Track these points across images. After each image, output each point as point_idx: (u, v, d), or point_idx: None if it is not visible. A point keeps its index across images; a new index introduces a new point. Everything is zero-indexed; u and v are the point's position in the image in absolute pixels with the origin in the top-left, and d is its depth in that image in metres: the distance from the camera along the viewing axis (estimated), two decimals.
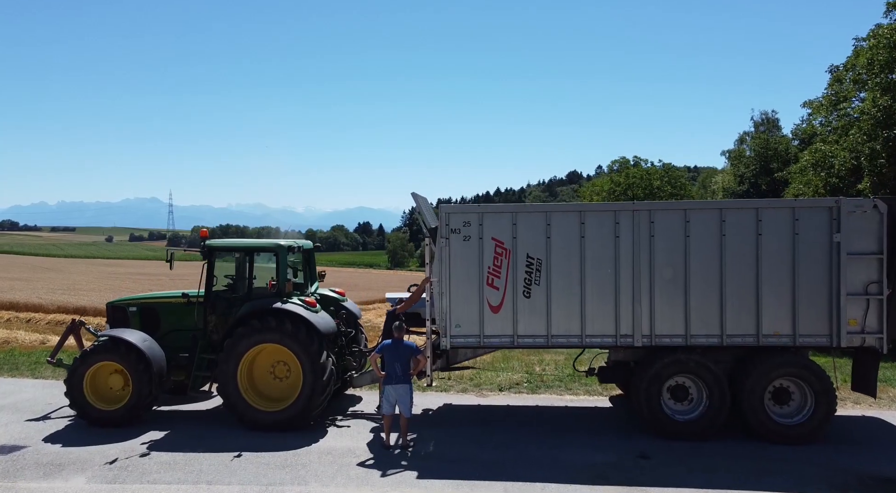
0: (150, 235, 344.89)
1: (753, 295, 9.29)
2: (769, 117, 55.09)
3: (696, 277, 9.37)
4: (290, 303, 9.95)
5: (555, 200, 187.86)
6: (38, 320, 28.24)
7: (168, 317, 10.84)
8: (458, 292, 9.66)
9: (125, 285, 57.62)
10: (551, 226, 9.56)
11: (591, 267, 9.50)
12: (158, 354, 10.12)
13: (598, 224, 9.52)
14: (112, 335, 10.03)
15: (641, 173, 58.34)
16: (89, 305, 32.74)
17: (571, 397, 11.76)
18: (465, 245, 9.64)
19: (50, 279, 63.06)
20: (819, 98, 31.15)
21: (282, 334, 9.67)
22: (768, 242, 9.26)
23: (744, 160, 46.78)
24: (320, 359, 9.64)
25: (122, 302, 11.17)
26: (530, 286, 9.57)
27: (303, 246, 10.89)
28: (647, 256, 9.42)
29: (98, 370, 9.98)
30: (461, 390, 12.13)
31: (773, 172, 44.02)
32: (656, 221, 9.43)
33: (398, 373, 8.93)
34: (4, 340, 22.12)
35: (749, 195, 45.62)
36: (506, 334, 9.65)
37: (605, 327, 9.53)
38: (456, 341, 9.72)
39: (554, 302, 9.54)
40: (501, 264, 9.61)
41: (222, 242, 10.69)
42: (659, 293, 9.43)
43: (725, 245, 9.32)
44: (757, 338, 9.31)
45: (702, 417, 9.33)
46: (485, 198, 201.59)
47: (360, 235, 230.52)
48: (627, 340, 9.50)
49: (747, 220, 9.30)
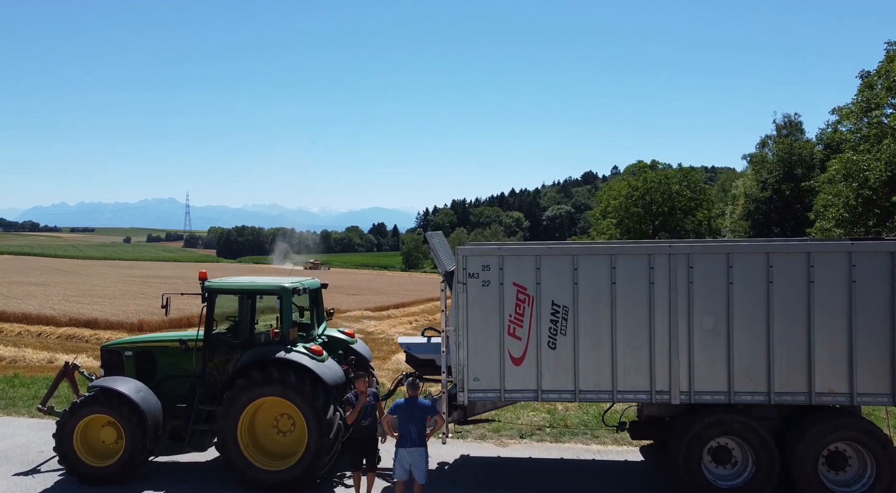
0: (167, 236, 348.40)
1: (805, 349, 8.37)
2: (792, 120, 53.58)
3: (741, 327, 8.46)
4: (294, 352, 9.19)
5: (570, 201, 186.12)
6: (49, 335, 27.85)
7: (165, 362, 10.12)
8: (477, 343, 8.83)
9: (140, 290, 57.55)
10: (579, 271, 8.70)
11: (624, 316, 8.63)
12: (153, 405, 9.40)
13: (630, 268, 8.65)
14: (103, 386, 9.33)
15: (660, 177, 57.19)
16: (101, 317, 32.37)
17: (599, 446, 10.89)
18: (485, 291, 8.81)
19: (66, 284, 63.23)
20: (849, 104, 29.89)
21: (285, 387, 8.91)
22: (821, 290, 8.33)
23: (767, 165, 45.41)
24: (326, 415, 8.87)
25: (118, 346, 10.47)
26: (556, 337, 8.72)
27: (309, 286, 10.12)
28: (686, 304, 8.53)
29: (89, 423, 9.30)
30: (479, 437, 11.31)
31: (797, 178, 42.68)
32: (695, 265, 8.54)
33: (413, 435, 8.11)
34: (11, 359, 21.66)
35: (772, 201, 44.31)
36: (529, 388, 8.81)
37: (639, 381, 8.65)
38: (474, 395, 8.90)
39: (582, 354, 8.68)
40: (524, 312, 8.76)
41: (222, 283, 9.95)
42: (699, 345, 8.53)
43: (773, 293, 8.41)
44: (809, 396, 8.38)
45: (747, 484, 8.41)
46: (499, 198, 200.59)
47: (374, 236, 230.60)
48: (664, 396, 8.61)
49: (797, 265, 8.38)
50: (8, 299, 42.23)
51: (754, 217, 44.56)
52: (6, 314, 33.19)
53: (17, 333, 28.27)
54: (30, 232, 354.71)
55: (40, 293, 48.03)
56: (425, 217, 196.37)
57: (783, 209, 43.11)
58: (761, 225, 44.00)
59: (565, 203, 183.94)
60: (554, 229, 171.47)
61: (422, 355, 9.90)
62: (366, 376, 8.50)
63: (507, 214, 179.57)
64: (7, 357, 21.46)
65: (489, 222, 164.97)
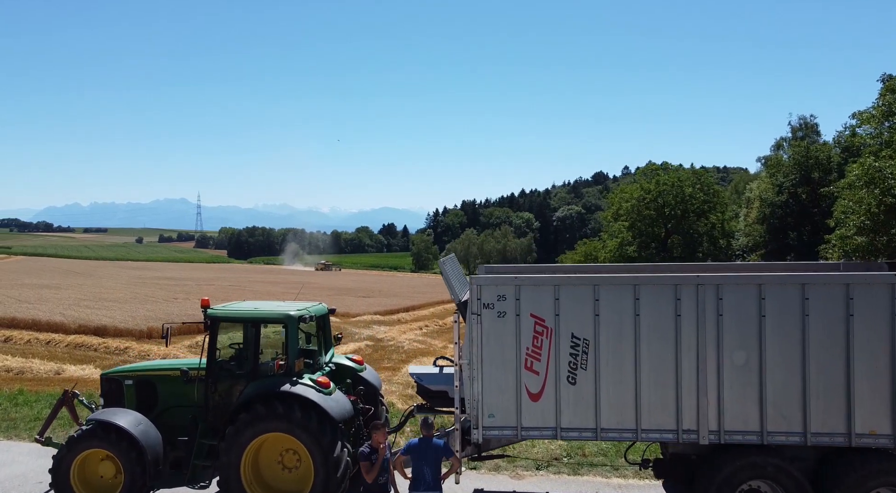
0: (178, 236, 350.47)
1: (844, 386, 7.82)
2: (808, 122, 52.72)
3: (774, 363, 7.93)
4: (300, 385, 8.75)
5: (581, 201, 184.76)
6: (58, 343, 27.67)
7: (167, 392, 9.73)
8: (492, 377, 8.35)
9: (150, 293, 57.60)
10: (600, 302, 8.19)
11: (648, 350, 8.12)
12: (154, 439, 9.00)
13: (655, 299, 8.14)
14: (101, 420, 8.93)
15: (672, 180, 56.34)
16: (110, 324, 32.19)
17: (620, 480, 10.38)
18: (500, 322, 8.33)
19: (78, 286, 63.44)
20: (869, 108, 29.13)
21: (290, 423, 8.48)
22: (862, 324, 7.78)
23: (782, 168, 44.57)
24: (334, 452, 8.43)
25: (118, 374, 10.09)
26: (576, 371, 8.23)
27: (316, 313, 9.68)
28: (715, 337, 8.01)
29: (87, 458, 8.91)
30: (493, 469, 10.83)
31: (814, 181, 41.86)
32: (725, 296, 8.01)
33: (427, 479, 7.63)
34: (18, 370, 21.43)
35: (788, 205, 43.50)
36: (547, 425, 8.31)
37: (665, 420, 8.14)
38: (489, 433, 8.42)
39: (603, 390, 8.18)
40: (542, 345, 8.28)
41: (225, 311, 9.53)
42: (729, 382, 8.01)
43: (808, 326, 7.87)
44: (848, 438, 7.84)
45: None
46: (509, 199, 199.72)
47: (384, 236, 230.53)
48: (691, 436, 8.09)
49: (835, 297, 7.84)
50: (20, 303, 42.28)
51: (770, 221, 43.78)
52: (17, 321, 33.12)
53: (26, 341, 28.12)
54: (43, 232, 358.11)
55: (52, 297, 48.11)
56: (435, 218, 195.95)
57: (800, 214, 42.29)
58: (777, 229, 43.23)
59: (576, 204, 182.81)
60: (564, 230, 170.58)
61: (433, 387, 9.44)
62: (384, 427, 7.79)
63: (518, 214, 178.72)
64: (14, 368, 21.25)
65: (499, 223, 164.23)
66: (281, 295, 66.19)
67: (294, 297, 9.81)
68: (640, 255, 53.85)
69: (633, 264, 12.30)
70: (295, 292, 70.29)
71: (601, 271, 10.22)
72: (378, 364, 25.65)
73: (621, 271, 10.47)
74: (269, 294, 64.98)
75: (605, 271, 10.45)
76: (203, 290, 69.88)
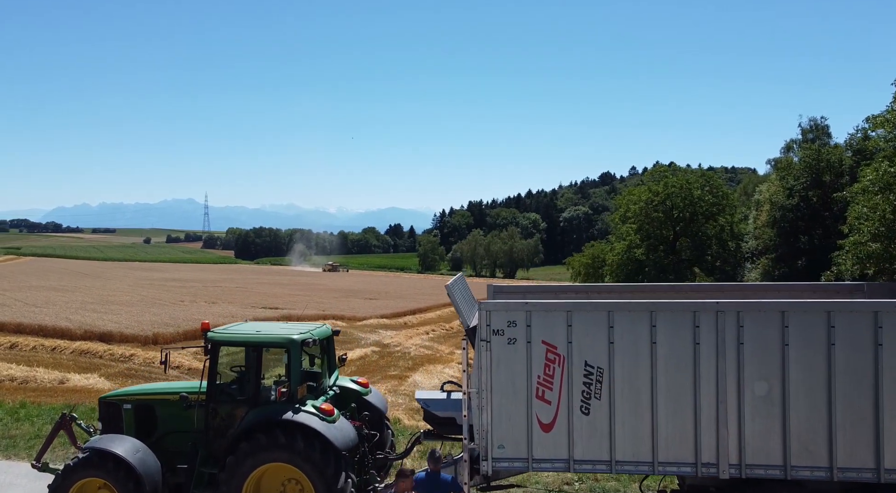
0: (186, 237, 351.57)
1: (872, 419, 7.46)
2: (818, 124, 51.97)
3: (798, 394, 7.57)
4: (302, 412, 8.45)
5: (588, 202, 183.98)
6: (63, 349, 27.52)
7: (167, 417, 9.45)
8: (502, 406, 8.03)
9: (157, 295, 57.62)
10: (615, 328, 7.86)
11: (665, 379, 7.78)
12: (152, 467, 8.72)
13: (673, 326, 7.79)
14: (97, 448, 8.66)
15: (681, 182, 55.75)
16: (115, 329, 32.05)
17: None
18: (510, 350, 8.01)
19: (86, 288, 63.59)
20: (883, 112, 28.60)
21: (292, 453, 8.19)
22: (891, 354, 7.42)
23: (793, 171, 43.93)
24: (338, 484, 8.12)
25: (116, 398, 9.82)
26: (589, 401, 7.90)
27: (319, 336, 9.38)
28: (735, 367, 7.66)
29: (84, 487, 8.64)
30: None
31: (825, 185, 41.25)
32: (746, 324, 7.66)
33: None
34: (22, 380, 21.23)
35: (799, 209, 42.88)
36: (560, 457, 7.98)
37: (683, 452, 7.79)
38: (499, 464, 8.09)
39: (618, 421, 7.85)
40: (554, 374, 7.95)
41: (226, 335, 9.24)
42: (750, 414, 7.65)
43: (835, 356, 7.50)
44: (877, 473, 7.47)
45: None
46: (516, 200, 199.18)
47: (391, 236, 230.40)
48: (711, 469, 7.75)
49: (863, 325, 7.47)
50: (27, 306, 42.29)
51: (780, 225, 43.19)
52: (23, 326, 33.04)
53: (31, 347, 27.99)
54: (52, 233, 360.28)
55: (59, 300, 48.13)
56: (442, 219, 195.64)
57: (811, 218, 41.69)
58: (788, 233, 42.65)
59: (583, 204, 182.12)
60: (571, 231, 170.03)
61: (441, 413, 9.12)
62: (411, 475, 7.37)
63: (524, 215, 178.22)
64: (19, 377, 21.09)
65: (506, 224, 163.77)
66: (288, 297, 66.02)
67: (301, 298, 9.48)
68: (648, 257, 53.37)
69: (650, 284, 11.78)
70: (302, 294, 70.14)
71: (615, 292, 9.87)
72: (384, 372, 25.39)
73: (636, 292, 10.12)
74: (275, 296, 64.89)
75: (618, 292, 10.09)
76: (210, 292, 69.85)
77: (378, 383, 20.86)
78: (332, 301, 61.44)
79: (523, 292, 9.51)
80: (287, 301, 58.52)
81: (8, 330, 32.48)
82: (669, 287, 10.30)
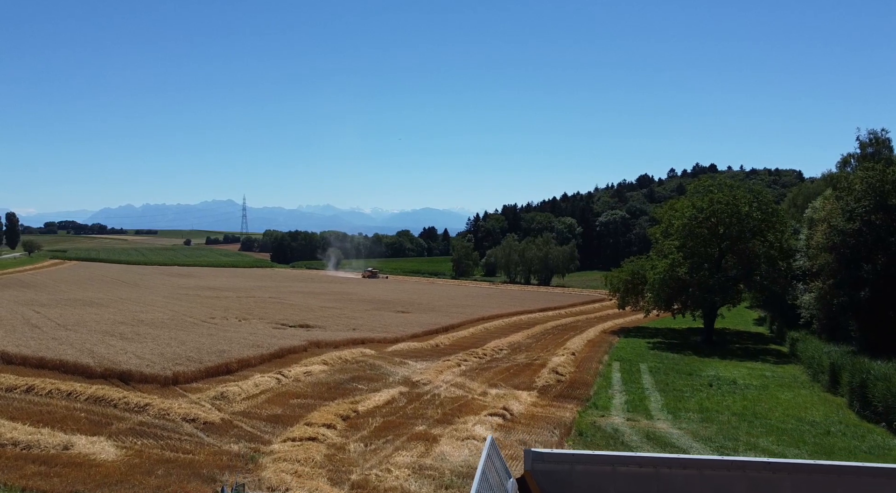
0: (224, 238, 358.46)
1: None
2: (879, 138, 48.47)
3: None
4: None
5: (625, 205, 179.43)
6: (79, 395, 26.54)
7: None
8: None
9: (189, 311, 57.50)
10: None
11: None
12: None
13: None
14: None
15: (727, 198, 52.60)
16: (136, 369, 31.18)
17: None
18: None
19: (121, 302, 64.08)
20: None
21: None
22: None
23: (854, 193, 40.70)
24: None
25: None
26: None
27: None
28: None
29: None
30: None
31: (891, 208, 38.03)
32: None
33: None
34: (25, 445, 19.44)
35: (861, 234, 39.71)
36: None
37: None
38: None
39: None
40: None
41: None
42: None
43: None
44: None
45: None
46: (551, 203, 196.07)
47: (425, 240, 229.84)
48: None
49: None
50: (57, 328, 42.23)
51: (840, 250, 40.07)
52: (45, 361, 32.42)
53: (47, 392, 27.14)
54: (97, 235, 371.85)
55: (91, 319, 48.15)
56: (475, 223, 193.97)
57: (874, 244, 38.52)
58: (849, 260, 39.52)
59: (619, 208, 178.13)
60: (608, 235, 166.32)
61: None
62: None
63: (560, 219, 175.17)
64: (21, 442, 19.56)
65: (541, 229, 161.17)
66: (320, 310, 65.13)
67: (333, 311, 7.86)
68: (692, 277, 50.63)
69: (706, 458, 8.47)
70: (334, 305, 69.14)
71: (689, 467, 7.74)
72: (410, 429, 23.57)
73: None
74: (308, 309, 64.22)
75: (694, 466, 7.92)
76: (242, 304, 69.58)
77: (400, 454, 19.14)
78: (364, 316, 60.48)
79: (570, 462, 7.54)
80: (319, 316, 57.74)
81: (30, 365, 31.97)
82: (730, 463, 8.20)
